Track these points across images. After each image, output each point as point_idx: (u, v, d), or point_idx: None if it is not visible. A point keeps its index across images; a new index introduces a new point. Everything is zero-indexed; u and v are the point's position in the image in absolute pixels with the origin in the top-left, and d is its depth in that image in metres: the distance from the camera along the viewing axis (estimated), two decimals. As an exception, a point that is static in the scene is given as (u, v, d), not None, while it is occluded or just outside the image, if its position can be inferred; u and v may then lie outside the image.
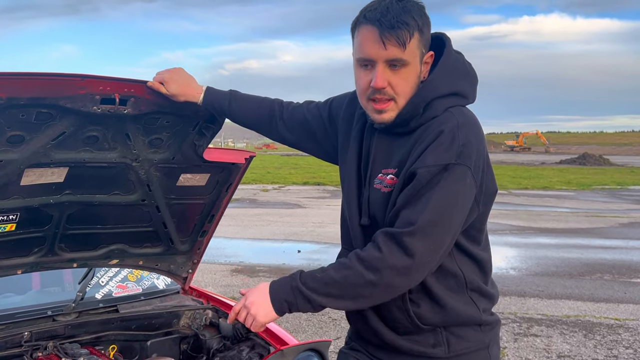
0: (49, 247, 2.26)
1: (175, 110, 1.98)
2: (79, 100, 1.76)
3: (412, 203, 1.43)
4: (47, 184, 2.02)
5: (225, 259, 8.04)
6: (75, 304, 2.41)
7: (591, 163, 42.00)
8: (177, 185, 2.33)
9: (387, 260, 1.41)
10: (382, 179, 1.55)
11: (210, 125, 2.13)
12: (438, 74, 1.52)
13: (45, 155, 1.89)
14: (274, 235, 10.11)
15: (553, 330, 5.23)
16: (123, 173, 2.15)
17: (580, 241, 10.11)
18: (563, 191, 21.18)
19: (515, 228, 11.51)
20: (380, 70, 1.46)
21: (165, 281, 2.89)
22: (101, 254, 2.43)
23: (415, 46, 1.47)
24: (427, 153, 1.44)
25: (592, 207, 15.97)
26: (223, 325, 2.62)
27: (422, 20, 1.48)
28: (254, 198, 16.73)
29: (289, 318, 5.41)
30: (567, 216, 13.73)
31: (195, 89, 1.89)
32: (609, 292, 6.66)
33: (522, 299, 6.26)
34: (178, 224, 2.52)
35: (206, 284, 6.60)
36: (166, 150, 2.16)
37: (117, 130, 1.97)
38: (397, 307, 1.55)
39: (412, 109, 1.50)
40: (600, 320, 5.55)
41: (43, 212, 2.11)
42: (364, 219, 1.58)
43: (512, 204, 15.99)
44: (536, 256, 8.69)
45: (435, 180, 1.42)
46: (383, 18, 1.43)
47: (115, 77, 1.77)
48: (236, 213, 12.92)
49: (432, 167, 1.42)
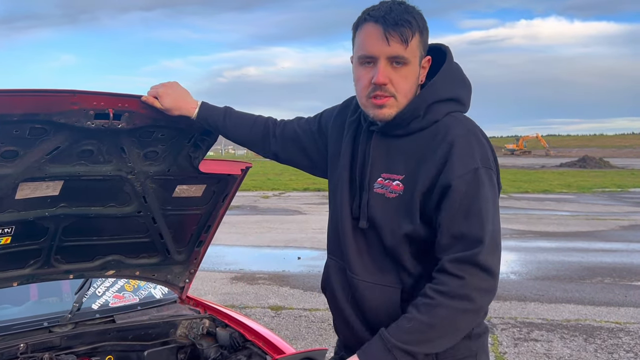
0: (44, 259, 2.27)
1: (170, 124, 1.99)
2: (73, 116, 1.76)
3: (464, 219, 1.43)
4: (42, 197, 2.03)
5: (225, 266, 8.04)
6: (71, 314, 2.41)
7: (591, 166, 41.97)
8: (173, 196, 2.34)
9: (472, 284, 1.41)
10: (384, 183, 1.55)
11: (205, 137, 2.13)
12: (441, 77, 1.57)
13: (40, 170, 1.90)
14: (274, 242, 10.11)
15: (553, 334, 5.22)
16: (118, 185, 2.16)
17: (581, 244, 10.10)
18: (563, 194, 21.16)
19: (515, 232, 11.50)
20: (382, 67, 1.49)
21: (162, 291, 2.89)
22: (97, 265, 2.44)
23: (416, 46, 1.51)
24: (452, 163, 1.45)
25: (592, 210, 15.95)
26: (220, 335, 2.62)
27: (422, 23, 1.53)
28: (254, 205, 16.73)
29: (289, 325, 5.41)
30: (567, 219, 13.72)
31: (190, 103, 1.89)
32: (609, 295, 6.65)
33: (522, 304, 6.25)
34: (174, 234, 2.53)
35: (206, 292, 6.60)
36: (162, 163, 2.17)
37: (112, 144, 1.98)
38: (388, 316, 1.54)
39: (413, 109, 1.53)
40: (601, 324, 5.54)
41: (38, 225, 2.12)
42: (362, 222, 1.58)
43: (512, 208, 15.97)
44: (536, 260, 8.68)
45: (473, 189, 1.44)
46: (387, 16, 1.48)
47: (108, 92, 1.78)
48: (236, 220, 12.93)
49: (465, 175, 1.44)
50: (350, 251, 1.60)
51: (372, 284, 1.58)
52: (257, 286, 6.92)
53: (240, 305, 6.09)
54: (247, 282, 7.15)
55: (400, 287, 1.56)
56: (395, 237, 1.53)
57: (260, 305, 6.07)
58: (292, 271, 7.78)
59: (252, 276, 7.47)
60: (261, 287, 6.90)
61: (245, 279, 7.32)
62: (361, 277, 1.59)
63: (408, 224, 1.50)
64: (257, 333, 2.52)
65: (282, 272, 7.73)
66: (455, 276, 1.42)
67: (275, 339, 2.51)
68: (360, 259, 1.60)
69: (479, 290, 1.43)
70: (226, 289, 6.81)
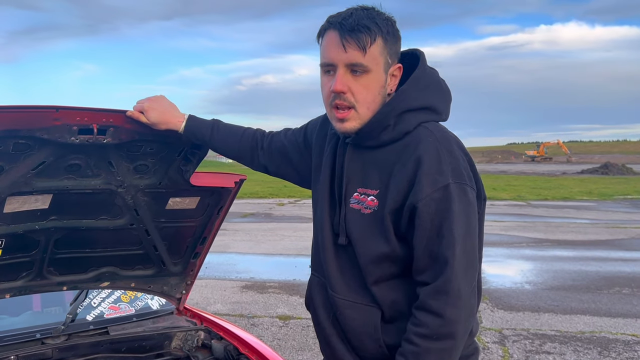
0: (37, 271, 2.27)
1: (157, 138, 1.97)
2: (56, 132, 1.76)
3: (437, 238, 1.38)
4: (32, 210, 2.03)
5: (236, 275, 8.03)
6: (64, 326, 2.41)
7: (613, 172, 41.19)
8: (166, 208, 2.33)
9: (452, 318, 1.38)
10: (359, 198, 1.50)
11: (196, 151, 2.12)
12: (412, 84, 1.49)
13: (27, 184, 1.90)
14: (286, 250, 10.08)
15: (567, 347, 5.10)
16: (109, 199, 2.15)
17: (600, 253, 9.88)
18: (584, 202, 20.78)
19: (532, 240, 11.31)
20: (340, 75, 1.44)
21: (159, 302, 2.88)
22: (91, 276, 2.43)
23: (378, 53, 1.44)
24: (420, 182, 1.39)
25: (613, 217, 15.62)
26: (215, 347, 2.59)
27: (387, 28, 1.45)
28: (269, 212, 16.75)
29: (296, 335, 5.36)
30: (586, 227, 13.45)
31: (177, 117, 1.87)
32: (627, 306, 6.48)
33: (536, 314, 6.12)
34: (169, 246, 2.51)
35: (215, 300, 6.60)
36: (152, 176, 2.16)
37: (100, 158, 1.97)
38: (368, 336, 1.51)
39: (381, 118, 1.47)
40: (617, 337, 5.40)
41: (29, 238, 2.12)
42: (342, 238, 1.53)
43: (530, 216, 15.74)
44: (553, 269, 8.51)
45: (444, 207, 1.38)
46: (344, 21, 1.43)
47: (92, 107, 1.77)
48: (250, 228, 12.95)
49: (433, 193, 1.38)
50: (331, 268, 1.56)
51: (352, 302, 1.53)
52: (267, 295, 6.90)
53: (249, 314, 6.06)
54: (257, 290, 7.13)
55: (380, 307, 1.50)
56: (370, 254, 1.48)
57: (268, 315, 6.04)
58: (303, 280, 7.73)
59: (263, 285, 7.45)
60: (271, 296, 6.87)
61: (256, 287, 7.30)
62: (342, 296, 1.55)
63: (384, 243, 1.46)
64: (250, 346, 2.49)
65: (293, 280, 7.70)
66: (434, 314, 1.38)
67: (270, 353, 2.48)
68: (341, 276, 1.55)
69: (459, 321, 1.39)
70: (236, 297, 6.80)
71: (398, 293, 1.49)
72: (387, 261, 1.47)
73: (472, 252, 1.42)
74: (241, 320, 5.82)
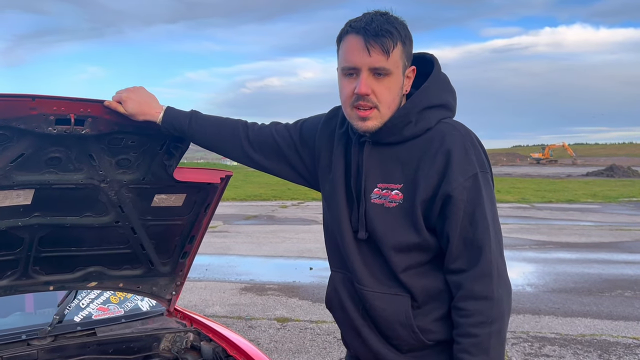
0: (22, 270, 2.24)
1: (138, 130, 1.94)
2: (32, 121, 1.73)
3: (470, 225, 1.48)
4: (14, 206, 2.00)
5: (236, 277, 8.00)
6: (51, 327, 2.38)
7: (619, 175, 40.98)
8: (152, 206, 2.30)
9: (499, 298, 1.47)
10: (381, 193, 1.56)
11: (178, 144, 2.08)
12: (432, 84, 1.58)
13: (6, 178, 1.87)
14: (287, 253, 10.05)
15: (566, 350, 5.04)
16: (93, 194, 2.12)
17: (602, 256, 9.80)
18: (588, 204, 20.66)
19: (535, 243, 11.24)
20: (364, 77, 1.50)
21: (149, 303, 2.85)
22: (78, 276, 2.40)
23: (399, 56, 1.51)
24: (452, 172, 1.48)
25: (617, 220, 15.52)
26: (204, 349, 2.56)
27: (404, 33, 1.53)
28: (272, 214, 16.72)
29: (293, 338, 5.33)
30: (590, 230, 13.36)
31: (155, 108, 1.85)
32: (628, 309, 6.41)
33: (536, 317, 6.06)
34: (157, 245, 2.48)
35: (214, 302, 6.57)
36: (135, 171, 2.13)
37: (80, 151, 1.94)
38: (400, 324, 1.55)
39: (405, 114, 1.54)
40: (618, 340, 5.33)
41: (12, 235, 2.09)
42: (361, 233, 1.58)
43: (533, 218, 15.65)
44: (555, 272, 8.44)
45: (475, 194, 1.48)
46: (368, 26, 1.49)
47: (69, 97, 1.73)
48: (252, 230, 12.92)
49: (465, 182, 1.47)
50: (356, 263, 1.60)
51: (381, 293, 1.58)
52: (265, 297, 6.86)
53: (247, 316, 6.03)
54: (256, 292, 7.10)
55: (409, 294, 1.56)
56: (399, 245, 1.54)
57: (266, 317, 6.01)
58: (302, 282, 7.70)
59: (262, 287, 7.41)
60: (270, 298, 6.84)
61: (255, 289, 7.27)
62: (370, 288, 1.59)
63: (414, 233, 1.52)
64: (239, 348, 2.46)
65: (293, 282, 7.66)
66: (483, 299, 1.46)
67: (258, 355, 2.44)
68: (366, 269, 1.60)
69: (506, 300, 1.49)
70: (234, 299, 6.77)
71: (428, 278, 1.56)
72: (416, 250, 1.54)
73: (500, 234, 1.54)
74: (239, 323, 5.79)
